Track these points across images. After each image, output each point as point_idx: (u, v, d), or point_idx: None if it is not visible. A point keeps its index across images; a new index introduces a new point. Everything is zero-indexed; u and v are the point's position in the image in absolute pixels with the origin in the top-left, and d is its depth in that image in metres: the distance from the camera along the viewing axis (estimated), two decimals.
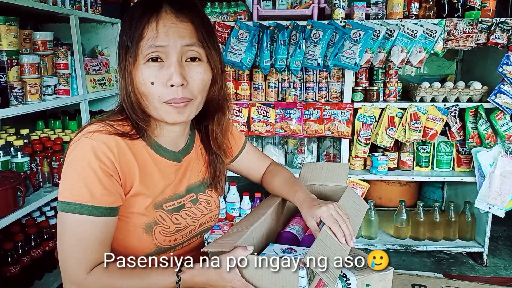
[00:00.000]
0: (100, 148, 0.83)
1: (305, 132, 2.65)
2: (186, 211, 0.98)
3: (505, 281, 2.53)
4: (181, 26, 0.85)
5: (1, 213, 1.76)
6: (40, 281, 2.15)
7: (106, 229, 0.83)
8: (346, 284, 0.89)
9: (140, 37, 0.84)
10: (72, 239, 0.81)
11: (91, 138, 0.84)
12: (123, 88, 0.88)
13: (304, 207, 0.98)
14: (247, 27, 2.52)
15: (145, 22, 0.84)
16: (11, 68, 1.83)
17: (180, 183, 0.98)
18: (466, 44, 2.51)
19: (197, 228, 1.01)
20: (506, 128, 2.54)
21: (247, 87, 2.73)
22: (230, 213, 2.75)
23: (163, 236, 0.92)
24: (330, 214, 0.91)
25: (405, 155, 2.77)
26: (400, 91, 2.82)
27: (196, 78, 0.87)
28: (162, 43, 0.83)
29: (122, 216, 0.88)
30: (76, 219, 0.81)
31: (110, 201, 0.83)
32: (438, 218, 2.72)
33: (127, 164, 0.87)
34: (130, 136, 0.89)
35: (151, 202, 0.91)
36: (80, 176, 0.81)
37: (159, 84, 0.85)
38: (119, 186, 0.86)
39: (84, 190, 0.81)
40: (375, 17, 2.59)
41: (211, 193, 1.06)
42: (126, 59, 0.86)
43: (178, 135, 0.98)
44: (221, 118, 1.02)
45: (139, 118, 0.90)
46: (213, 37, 0.91)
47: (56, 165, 2.14)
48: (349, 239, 0.89)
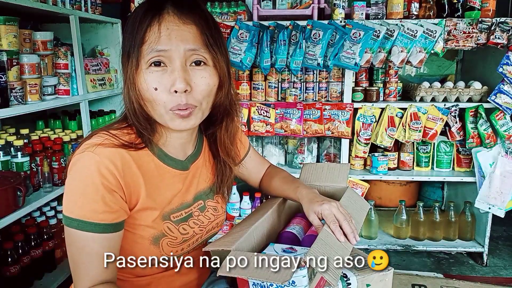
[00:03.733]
0: (104, 164, 0.80)
1: (305, 132, 2.65)
2: (194, 219, 0.96)
3: (505, 281, 2.53)
4: (184, 29, 0.82)
5: (1, 213, 1.76)
6: (40, 281, 2.15)
7: (110, 244, 0.82)
8: (346, 284, 0.89)
9: (142, 41, 0.81)
10: (78, 253, 0.81)
11: (95, 152, 0.81)
12: (126, 95, 0.86)
13: (306, 202, 0.97)
14: (247, 27, 2.52)
15: (147, 25, 0.81)
16: (11, 68, 1.83)
17: (188, 191, 0.96)
18: (466, 44, 2.51)
19: (204, 236, 0.99)
20: (506, 128, 2.54)
21: (247, 87, 2.73)
22: (230, 213, 2.75)
23: (170, 248, 0.91)
24: (332, 212, 0.90)
25: (405, 155, 2.77)
26: (400, 91, 2.82)
27: (201, 83, 0.84)
28: (164, 47, 0.80)
29: (128, 228, 0.87)
30: (79, 235, 0.80)
31: (113, 218, 0.82)
32: (438, 218, 2.72)
33: (132, 178, 0.85)
34: (135, 146, 0.87)
35: (158, 215, 0.89)
36: (83, 192, 0.80)
37: (163, 90, 0.82)
38: (123, 202, 0.84)
39: (87, 207, 0.80)
40: (375, 17, 2.59)
41: (218, 199, 1.04)
42: (128, 65, 0.83)
43: (185, 141, 0.96)
44: (230, 124, 0.98)
45: (143, 126, 0.87)
46: (219, 40, 0.87)
47: (56, 165, 2.14)
48: (351, 237, 0.87)
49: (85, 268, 0.81)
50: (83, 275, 0.81)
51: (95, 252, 0.81)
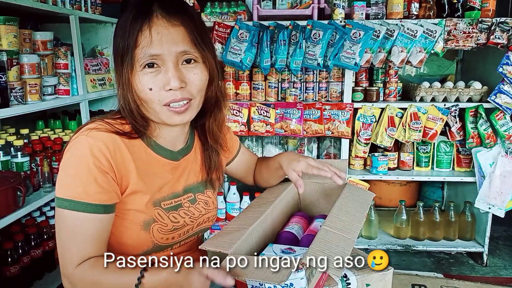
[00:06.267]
0: (97, 146, 0.84)
1: (305, 132, 2.65)
2: (184, 210, 0.98)
3: (505, 281, 2.53)
4: (173, 32, 0.85)
5: (1, 213, 1.76)
6: (40, 281, 2.15)
7: (100, 225, 0.84)
8: (346, 284, 0.89)
9: (134, 45, 0.85)
10: (67, 234, 0.83)
11: (89, 135, 0.85)
12: (121, 95, 0.89)
13: (285, 162, 1.07)
14: (247, 27, 2.52)
15: (138, 29, 0.84)
16: (11, 68, 1.83)
17: (178, 182, 0.99)
18: (466, 44, 2.51)
19: (194, 228, 1.01)
20: (506, 128, 2.54)
21: (247, 87, 2.73)
22: (230, 213, 2.75)
23: (161, 234, 0.93)
24: (309, 164, 1.03)
25: (405, 155, 2.77)
26: (400, 91, 2.82)
27: (195, 79, 0.89)
28: (157, 51, 0.84)
29: (118, 213, 0.89)
30: (70, 215, 0.82)
31: (105, 199, 0.84)
32: (438, 218, 2.72)
33: (123, 162, 0.88)
34: (129, 135, 0.90)
35: (149, 199, 0.91)
36: (76, 173, 0.83)
37: (157, 89, 0.86)
38: (115, 184, 0.86)
39: (79, 188, 0.82)
40: (375, 17, 2.59)
41: (209, 193, 1.07)
42: (123, 67, 0.86)
43: (178, 134, 0.99)
44: (217, 114, 1.03)
45: (139, 124, 0.91)
46: (206, 38, 0.91)
47: (56, 165, 2.14)
48: (336, 177, 1.02)
49: (76, 248, 0.82)
50: (74, 255, 0.82)
51: (86, 232, 0.83)
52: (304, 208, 1.20)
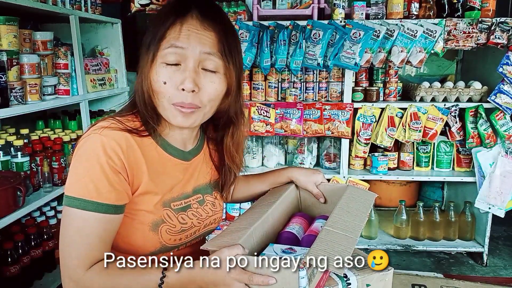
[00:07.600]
0: (110, 144, 0.82)
1: (305, 132, 2.65)
2: (192, 211, 0.98)
3: (505, 281, 2.53)
4: (204, 34, 0.85)
5: (1, 213, 1.76)
6: (40, 281, 2.15)
7: (110, 226, 0.83)
8: (346, 284, 0.89)
9: (162, 37, 0.85)
10: (75, 234, 0.81)
11: (101, 134, 0.83)
12: (139, 85, 0.89)
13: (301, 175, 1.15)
14: (247, 27, 2.52)
15: (170, 23, 0.85)
16: (11, 68, 1.83)
17: (188, 183, 0.98)
18: (466, 44, 2.51)
19: (201, 229, 1.01)
20: (506, 128, 2.54)
21: (247, 87, 2.73)
22: (230, 213, 2.75)
23: (169, 235, 0.92)
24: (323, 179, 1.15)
25: (405, 155, 2.77)
26: (400, 91, 2.82)
27: (209, 87, 0.87)
28: (182, 44, 0.84)
29: (128, 213, 0.88)
30: (80, 215, 0.80)
31: (116, 199, 0.83)
32: (438, 218, 2.72)
33: (135, 162, 0.87)
34: (139, 133, 0.90)
35: (159, 200, 0.91)
36: (88, 172, 0.81)
37: (171, 85, 0.85)
38: (127, 184, 0.85)
39: (91, 186, 0.80)
40: (375, 17, 2.59)
41: (216, 195, 1.06)
42: (147, 55, 0.87)
43: (187, 137, 0.99)
44: (235, 132, 1.02)
45: (150, 115, 0.90)
46: (235, 52, 0.90)
47: (56, 165, 2.14)
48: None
49: (85, 250, 0.80)
50: (83, 257, 0.80)
51: (95, 233, 0.81)
52: (305, 209, 1.21)
